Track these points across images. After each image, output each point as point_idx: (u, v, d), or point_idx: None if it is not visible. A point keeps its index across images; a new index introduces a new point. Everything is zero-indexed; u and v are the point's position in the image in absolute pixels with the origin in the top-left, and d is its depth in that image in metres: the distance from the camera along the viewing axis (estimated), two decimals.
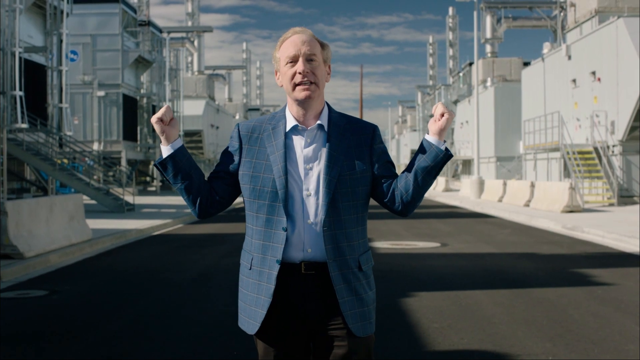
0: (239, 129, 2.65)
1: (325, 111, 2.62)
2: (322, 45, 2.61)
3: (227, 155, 2.66)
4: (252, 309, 2.57)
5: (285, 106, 2.64)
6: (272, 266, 2.52)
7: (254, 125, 2.64)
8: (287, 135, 2.57)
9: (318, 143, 2.57)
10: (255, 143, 2.60)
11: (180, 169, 2.59)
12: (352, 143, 2.59)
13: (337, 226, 2.53)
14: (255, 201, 2.56)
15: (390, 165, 2.68)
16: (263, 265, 2.55)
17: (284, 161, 2.53)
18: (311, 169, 2.54)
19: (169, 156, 2.58)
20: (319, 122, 2.58)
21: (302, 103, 2.55)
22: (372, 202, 2.73)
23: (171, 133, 2.58)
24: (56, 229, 11.68)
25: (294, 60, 2.54)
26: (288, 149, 2.56)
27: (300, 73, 2.52)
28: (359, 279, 2.57)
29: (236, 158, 2.62)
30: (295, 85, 2.53)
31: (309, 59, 2.54)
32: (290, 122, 2.58)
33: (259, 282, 2.55)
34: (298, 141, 2.57)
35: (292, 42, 2.55)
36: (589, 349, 5.52)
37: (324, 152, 2.55)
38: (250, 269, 2.59)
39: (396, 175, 2.67)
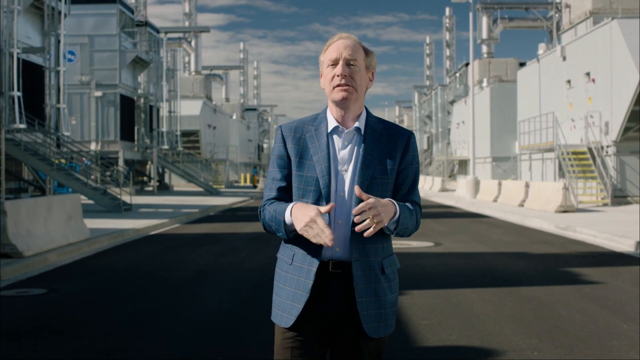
0: (282, 131, 2.71)
1: (364, 115, 2.69)
2: (367, 52, 2.68)
3: (278, 160, 2.70)
4: (289, 303, 2.63)
5: (326, 108, 2.72)
6: (312, 262, 2.60)
7: (296, 125, 2.71)
8: (329, 136, 2.65)
9: (354, 145, 2.64)
10: (299, 143, 2.66)
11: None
12: (387, 148, 2.66)
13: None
14: (300, 199, 2.63)
15: (412, 188, 2.71)
16: (304, 261, 2.62)
17: (327, 161, 2.60)
18: (346, 170, 2.61)
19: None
20: (356, 124, 2.65)
21: (340, 104, 2.63)
22: None
23: None
24: (54, 228, 11.82)
25: (334, 63, 2.62)
26: (330, 149, 2.63)
27: (338, 75, 2.60)
28: (380, 282, 2.63)
29: (287, 160, 2.68)
30: (334, 87, 2.61)
31: (349, 63, 2.61)
32: (332, 124, 2.65)
33: (298, 278, 2.62)
34: (338, 142, 2.65)
35: (336, 46, 2.64)
36: (574, 345, 5.69)
37: (358, 155, 2.62)
38: (291, 264, 2.66)
39: (407, 202, 2.68)
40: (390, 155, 2.65)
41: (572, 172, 24.69)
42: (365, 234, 2.47)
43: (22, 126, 19.80)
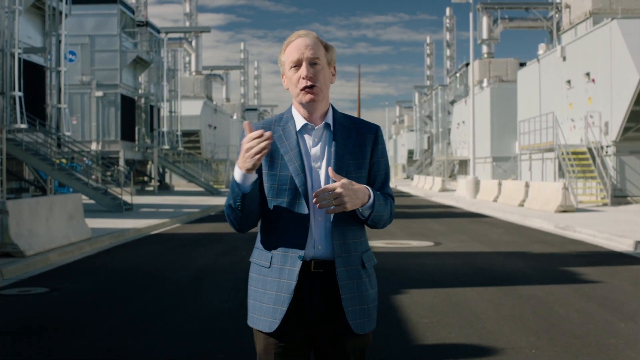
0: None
1: (330, 111, 2.67)
2: (326, 48, 2.65)
3: None
4: (271, 306, 2.57)
5: (291, 107, 2.69)
6: (293, 262, 2.55)
7: (262, 126, 2.65)
8: (298, 134, 2.62)
9: (324, 142, 2.62)
10: None
11: (254, 197, 2.57)
12: (357, 143, 2.64)
13: (344, 223, 2.59)
14: (274, 199, 2.59)
15: (385, 181, 2.71)
16: (284, 262, 2.57)
17: (300, 159, 2.58)
18: (319, 167, 2.59)
19: (254, 182, 2.53)
20: (326, 120, 2.63)
21: (307, 106, 2.61)
22: None
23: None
24: (56, 228, 11.88)
25: (297, 65, 2.58)
26: (301, 147, 2.61)
27: (304, 78, 2.56)
28: (361, 277, 2.62)
29: None
30: (300, 89, 2.58)
31: (312, 63, 2.58)
32: (300, 122, 2.63)
33: (279, 280, 2.57)
34: (308, 140, 2.63)
35: (296, 46, 2.59)
36: (571, 343, 5.74)
37: (330, 151, 2.60)
38: (269, 267, 2.60)
39: (385, 194, 2.68)
40: (361, 150, 2.64)
41: (572, 172, 24.74)
42: (327, 211, 2.47)
43: (24, 126, 19.85)
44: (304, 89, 2.57)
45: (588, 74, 26.06)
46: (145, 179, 41.21)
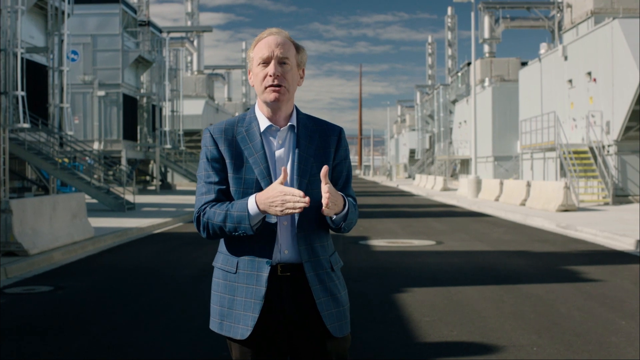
0: (211, 133, 2.59)
1: (294, 113, 2.62)
2: (297, 49, 2.60)
3: (213, 163, 2.59)
4: (241, 313, 2.53)
5: (254, 107, 2.64)
6: (261, 268, 2.52)
7: (225, 127, 2.60)
8: (263, 136, 2.57)
9: (289, 144, 2.58)
10: (231, 145, 2.56)
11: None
12: (320, 144, 2.61)
13: (309, 227, 2.55)
14: None
15: (346, 182, 2.68)
16: (251, 268, 2.53)
17: (265, 162, 2.54)
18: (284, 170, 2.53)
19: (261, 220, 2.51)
20: (290, 122, 2.59)
21: (271, 105, 2.55)
22: (371, 201, 2.87)
23: None
24: (59, 227, 11.94)
25: (266, 62, 2.54)
26: (266, 149, 2.56)
27: (271, 76, 2.52)
28: (332, 279, 2.59)
29: (222, 163, 2.58)
30: (266, 87, 2.53)
31: (281, 62, 2.53)
32: (264, 123, 2.57)
33: (247, 286, 2.53)
34: (272, 142, 2.58)
35: (267, 43, 2.54)
36: (572, 341, 5.78)
37: (294, 153, 2.56)
38: (235, 272, 2.55)
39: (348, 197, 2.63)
40: (324, 152, 2.61)
41: (574, 172, 24.77)
42: (324, 212, 2.43)
43: (26, 126, 19.92)
44: (269, 86, 2.53)
45: (589, 74, 26.09)
46: (147, 178, 41.27)
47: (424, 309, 7.04)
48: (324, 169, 2.43)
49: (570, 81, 28.03)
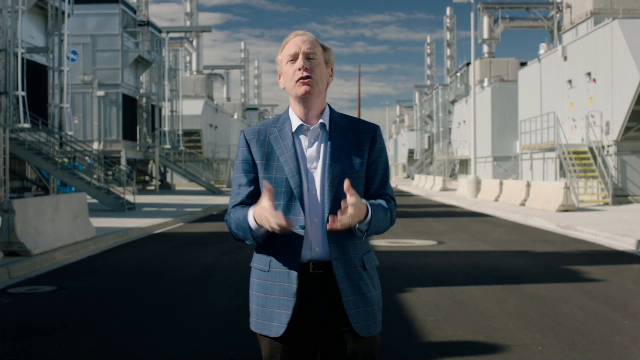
0: (244, 135, 2.64)
1: (327, 111, 2.63)
2: (324, 48, 2.64)
3: (243, 165, 2.63)
4: (275, 311, 2.55)
5: (288, 108, 2.66)
6: (291, 266, 2.53)
7: (259, 129, 2.64)
8: (294, 135, 2.59)
9: (320, 142, 2.58)
10: (263, 145, 2.59)
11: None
12: (354, 143, 2.60)
13: None
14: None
15: (383, 181, 2.66)
16: (283, 265, 2.55)
17: (295, 160, 2.55)
18: (315, 168, 2.55)
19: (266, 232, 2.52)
20: (321, 121, 2.60)
21: (303, 100, 2.57)
22: None
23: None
24: (61, 227, 11.94)
25: (294, 58, 2.57)
26: (297, 148, 2.58)
27: (299, 69, 2.55)
28: (363, 278, 2.57)
29: (252, 164, 2.62)
30: (296, 81, 2.55)
31: (308, 57, 2.56)
32: (295, 122, 2.60)
33: (280, 284, 2.55)
34: (304, 140, 2.59)
35: (293, 42, 2.59)
36: (576, 340, 5.80)
37: (326, 151, 2.56)
38: (268, 271, 2.58)
39: (381, 196, 2.63)
40: (358, 150, 2.60)
41: (573, 172, 24.80)
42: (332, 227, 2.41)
43: (26, 125, 19.92)
44: (299, 80, 2.55)
45: (589, 74, 26.12)
46: (147, 178, 41.26)
47: (428, 308, 7.06)
48: (346, 182, 2.40)
49: (569, 81, 28.06)
